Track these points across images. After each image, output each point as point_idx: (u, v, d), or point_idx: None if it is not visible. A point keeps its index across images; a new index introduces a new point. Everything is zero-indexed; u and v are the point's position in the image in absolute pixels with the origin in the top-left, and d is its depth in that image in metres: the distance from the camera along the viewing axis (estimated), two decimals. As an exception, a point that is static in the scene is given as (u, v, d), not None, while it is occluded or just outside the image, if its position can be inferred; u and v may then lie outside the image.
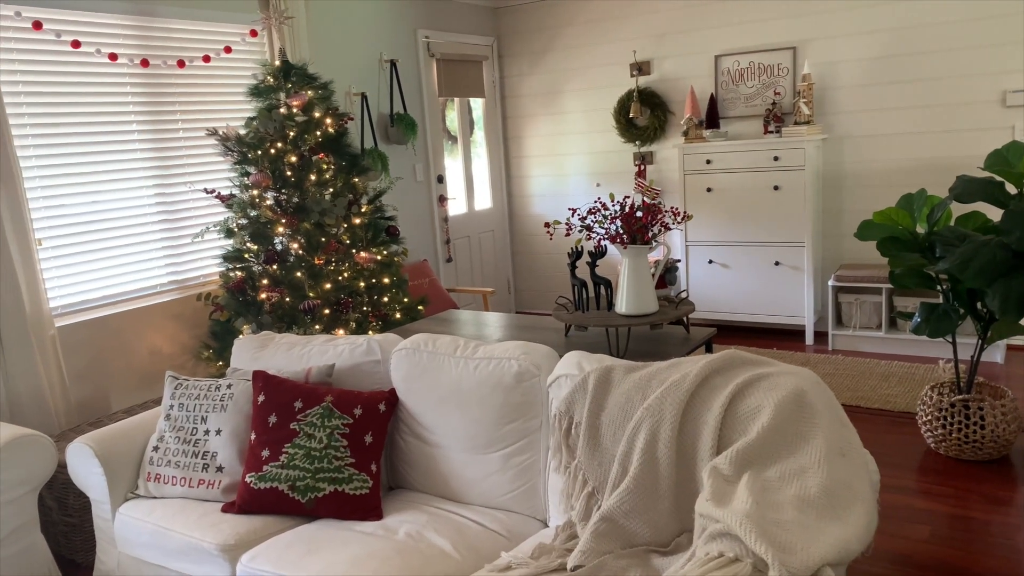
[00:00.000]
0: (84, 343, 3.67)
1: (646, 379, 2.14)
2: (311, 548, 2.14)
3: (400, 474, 2.61)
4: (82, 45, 3.63)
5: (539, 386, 2.35)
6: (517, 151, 6.69)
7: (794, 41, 5.38)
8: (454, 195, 6.23)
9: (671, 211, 2.93)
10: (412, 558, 2.05)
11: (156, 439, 2.58)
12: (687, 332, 3.22)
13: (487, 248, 6.60)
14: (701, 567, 1.56)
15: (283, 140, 3.88)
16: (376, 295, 4.16)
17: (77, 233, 3.67)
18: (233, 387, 2.58)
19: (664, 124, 5.91)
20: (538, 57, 6.40)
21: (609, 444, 2.12)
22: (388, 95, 5.43)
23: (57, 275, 3.60)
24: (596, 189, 6.31)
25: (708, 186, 5.44)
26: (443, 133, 6.10)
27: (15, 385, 3.29)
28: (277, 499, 2.35)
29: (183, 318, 4.10)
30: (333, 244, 3.92)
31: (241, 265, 3.94)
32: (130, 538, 2.46)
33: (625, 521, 1.97)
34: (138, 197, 3.93)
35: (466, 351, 2.51)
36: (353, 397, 2.51)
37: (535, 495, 2.35)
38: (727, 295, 5.49)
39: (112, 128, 3.79)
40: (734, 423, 1.97)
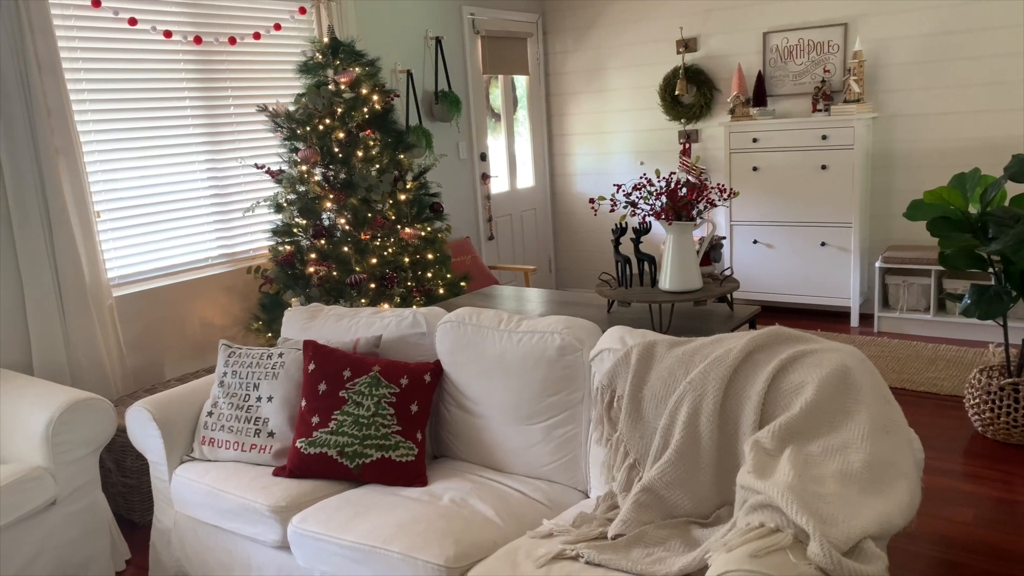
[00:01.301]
0: (139, 313, 3.79)
1: (689, 354, 2.16)
2: (359, 511, 2.21)
3: (444, 443, 2.67)
4: (138, 23, 3.73)
5: (581, 360, 2.38)
6: (560, 129, 6.68)
7: (846, 17, 5.26)
8: (496, 173, 6.26)
9: (717, 188, 2.92)
10: (456, 523, 2.11)
11: (210, 405, 2.68)
12: (731, 309, 3.21)
13: (528, 226, 6.62)
14: (742, 536, 1.58)
15: (331, 116, 3.94)
16: (420, 271, 4.22)
17: (133, 206, 3.79)
18: (284, 356, 2.66)
19: (710, 102, 5.84)
20: (583, 34, 6.36)
21: (651, 417, 2.15)
22: (433, 72, 5.46)
23: (114, 247, 3.72)
24: (640, 167, 6.28)
25: (754, 165, 5.38)
26: (487, 111, 6.12)
27: (76, 352, 3.42)
28: (326, 464, 2.42)
29: (234, 290, 4.21)
30: (379, 220, 3.99)
31: (290, 239, 4.02)
32: (186, 498, 2.57)
33: (666, 492, 2.00)
34: (191, 172, 4.03)
35: (510, 324, 2.55)
36: (399, 367, 2.57)
37: (576, 466, 2.39)
38: (771, 275, 5.44)
39: (166, 104, 3.89)
40: (777, 398, 1.98)
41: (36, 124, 3.24)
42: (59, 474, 2.70)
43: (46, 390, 2.82)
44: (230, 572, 2.52)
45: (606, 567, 1.85)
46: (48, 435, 2.65)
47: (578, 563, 1.88)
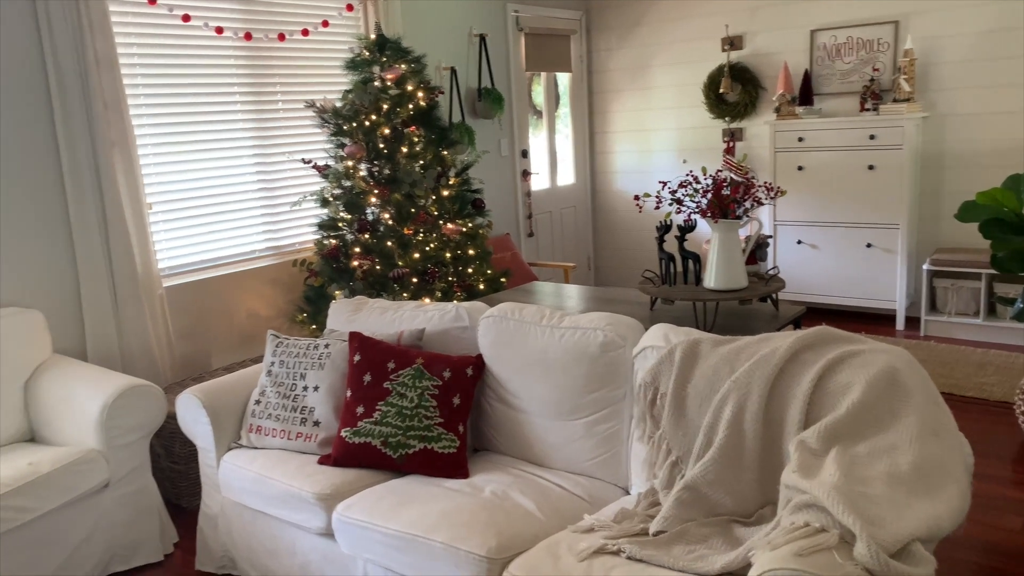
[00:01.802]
0: (188, 303, 3.88)
1: (734, 352, 2.15)
2: (402, 500, 2.25)
3: (485, 437, 2.69)
4: (191, 19, 3.81)
5: (624, 357, 2.38)
6: (602, 126, 6.66)
7: (896, 15, 5.17)
8: (537, 170, 6.27)
9: (764, 186, 2.90)
10: (497, 515, 2.13)
11: (258, 393, 2.73)
12: (776, 309, 3.18)
13: (568, 224, 6.62)
14: (787, 535, 1.58)
15: (377, 113, 3.99)
16: (461, 266, 4.25)
17: (183, 199, 3.88)
18: (330, 347, 2.71)
19: (755, 100, 5.78)
20: (627, 31, 6.34)
21: (694, 415, 2.14)
22: (476, 69, 5.49)
23: (165, 238, 3.82)
24: (682, 166, 6.24)
25: (799, 164, 5.31)
26: (529, 108, 6.13)
27: (127, 340, 3.52)
28: (370, 453, 2.46)
29: (279, 283, 4.29)
30: (422, 215, 4.02)
31: (335, 233, 4.08)
32: (233, 484, 2.63)
33: (708, 491, 2.00)
34: (239, 166, 4.11)
35: (552, 320, 2.56)
36: (442, 360, 2.60)
37: (618, 463, 2.39)
38: (815, 276, 5.37)
39: (217, 99, 3.98)
40: (823, 398, 1.96)
41: (93, 118, 3.34)
42: (112, 457, 2.78)
43: (100, 376, 2.91)
44: (275, 558, 2.57)
45: (647, 563, 1.86)
46: (102, 419, 2.74)
47: (620, 558, 1.89)
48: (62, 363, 3.08)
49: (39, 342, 3.11)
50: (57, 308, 3.38)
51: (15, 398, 2.99)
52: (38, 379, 3.02)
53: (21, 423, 3.00)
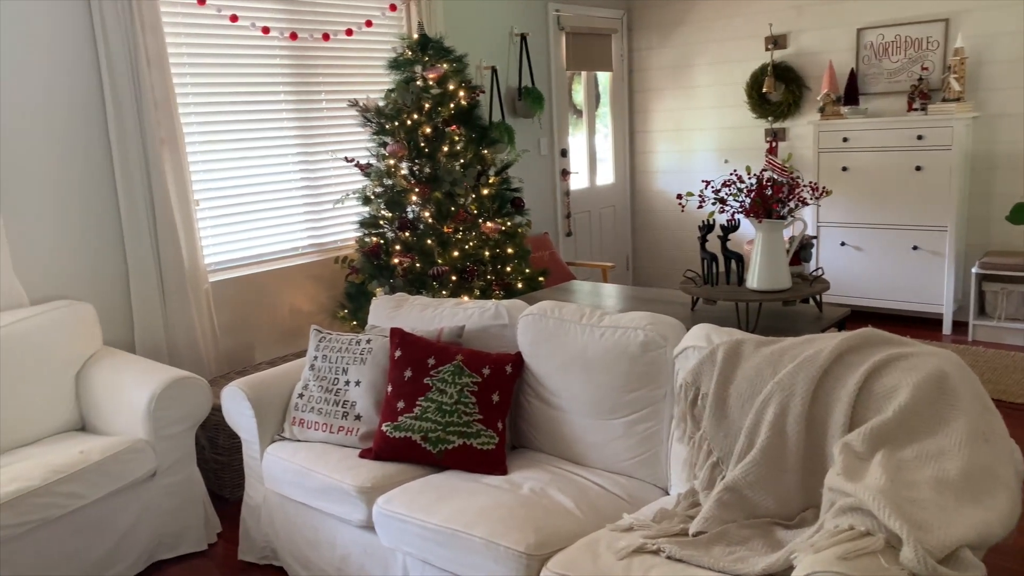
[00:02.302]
0: (233, 298, 3.96)
1: (778, 354, 2.13)
2: (441, 495, 2.27)
3: (524, 434, 2.70)
4: (239, 19, 3.88)
5: (665, 356, 2.37)
6: (643, 126, 6.63)
7: (947, 12, 5.06)
8: (576, 169, 6.26)
9: (809, 186, 2.86)
10: (536, 511, 2.14)
11: (301, 387, 2.78)
12: (820, 311, 3.14)
13: (607, 224, 6.60)
14: (830, 538, 1.56)
15: (419, 112, 4.02)
16: (500, 264, 4.26)
17: (229, 196, 3.95)
18: (372, 342, 2.74)
19: (799, 100, 5.71)
20: (669, 30, 6.30)
21: (736, 416, 2.13)
22: (517, 69, 5.50)
23: (211, 234, 3.89)
24: (724, 166, 6.18)
25: (844, 165, 5.23)
26: (569, 107, 6.12)
27: (174, 333, 3.60)
28: (410, 448, 2.49)
29: (321, 279, 4.35)
30: (461, 213, 4.05)
31: (376, 231, 4.13)
32: (276, 476, 2.67)
33: (750, 492, 1.98)
34: (284, 164, 4.18)
35: (592, 319, 2.56)
36: (482, 357, 2.62)
37: (657, 463, 2.39)
38: (859, 279, 5.28)
39: (262, 98, 4.05)
40: (869, 401, 1.93)
41: (144, 116, 3.42)
42: (159, 447, 2.85)
43: (148, 368, 2.98)
44: (316, 549, 2.61)
45: (687, 563, 1.85)
46: (150, 410, 2.81)
47: (659, 557, 1.88)
48: (112, 355, 3.16)
49: (90, 334, 3.19)
50: (107, 301, 3.48)
51: (67, 388, 3.07)
52: (89, 370, 3.11)
53: (73, 412, 3.09)
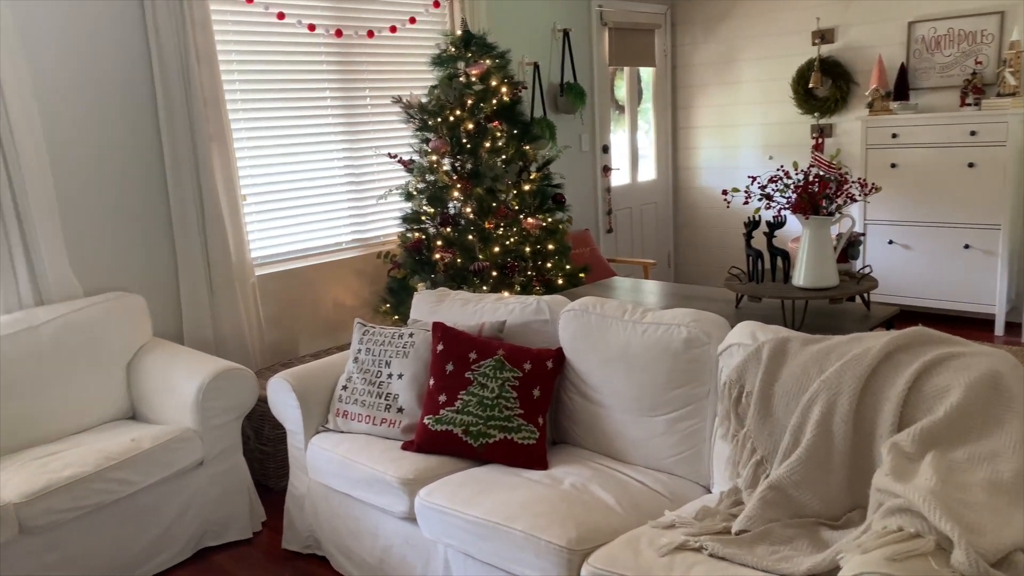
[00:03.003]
0: (278, 292, 4.02)
1: (824, 352, 2.10)
2: (482, 489, 2.28)
3: (564, 430, 2.70)
4: (286, 17, 3.94)
5: (709, 354, 2.35)
6: (686, 122, 6.57)
7: (1001, 5, 4.92)
8: (618, 166, 6.23)
9: (858, 182, 2.81)
10: (576, 507, 2.14)
11: (345, 379, 2.81)
12: (868, 309, 3.08)
13: (648, 220, 6.55)
14: (878, 539, 1.53)
15: (461, 108, 4.04)
16: (540, 261, 4.26)
17: (275, 191, 4.02)
18: (414, 336, 2.76)
19: (846, 95, 5.60)
20: (713, 25, 6.23)
21: (781, 415, 2.10)
22: (559, 64, 5.49)
23: (258, 229, 3.96)
24: (769, 162, 6.10)
25: (892, 161, 5.12)
26: (611, 103, 6.09)
27: (221, 325, 3.67)
28: (451, 441, 2.50)
29: (364, 274, 4.40)
30: (503, 209, 4.06)
31: (418, 227, 4.16)
32: (320, 467, 2.71)
33: (794, 491, 1.96)
34: (328, 160, 4.23)
35: (634, 315, 2.55)
36: (523, 353, 2.62)
37: (699, 460, 2.37)
38: (908, 278, 5.17)
39: (308, 95, 4.10)
40: (919, 401, 1.89)
41: (193, 112, 3.49)
42: (206, 437, 2.91)
43: (196, 359, 3.05)
44: (358, 540, 2.65)
45: (730, 561, 1.84)
46: (198, 400, 2.87)
47: (701, 555, 1.87)
48: (161, 346, 3.24)
49: (141, 325, 3.27)
50: (157, 293, 3.56)
51: (119, 378, 3.16)
52: (139, 360, 3.19)
53: (124, 401, 3.17)
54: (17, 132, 3.00)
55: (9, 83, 2.96)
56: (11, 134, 2.99)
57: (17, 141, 3.00)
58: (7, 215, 3.02)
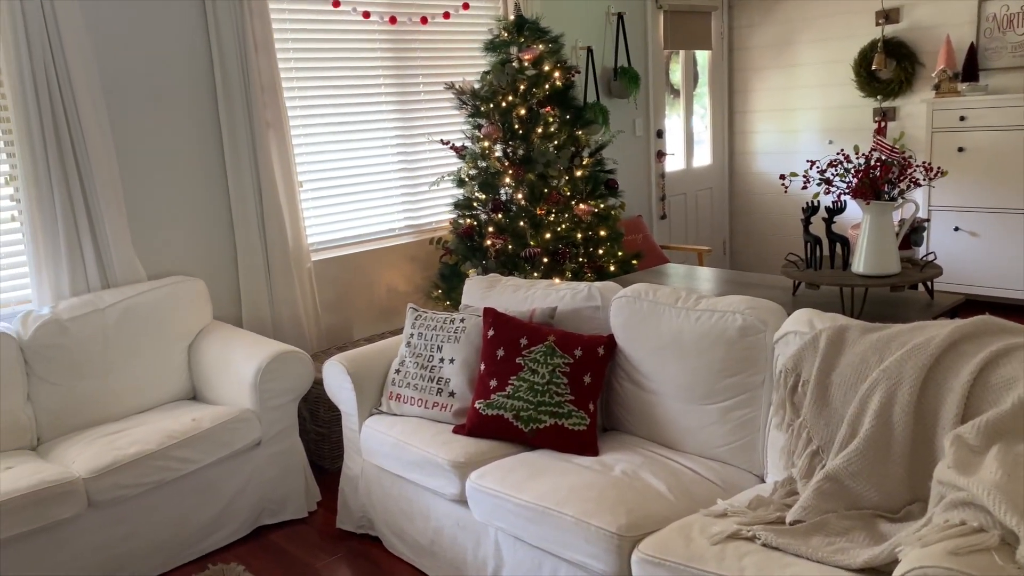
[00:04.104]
0: (333, 277, 4.09)
1: (885, 341, 2.04)
2: (533, 473, 2.29)
3: (615, 417, 2.69)
4: (341, 4, 3.98)
5: (764, 342, 2.31)
6: (742, 106, 6.44)
7: (1081, -21, 4.69)
8: (673, 151, 6.14)
9: (922, 166, 2.72)
10: (628, 493, 2.13)
11: (398, 363, 2.85)
12: (931, 298, 2.99)
13: (703, 207, 6.45)
14: (940, 533, 1.49)
15: (514, 93, 4.03)
16: (592, 247, 4.24)
17: (330, 178, 4.07)
18: (466, 321, 2.78)
19: (911, 77, 5.41)
20: (771, 6, 6.08)
21: (838, 404, 2.06)
22: (613, 48, 5.43)
23: (313, 215, 4.03)
24: (828, 147, 5.94)
25: (960, 145, 4.94)
26: (666, 87, 6.01)
27: (279, 309, 3.75)
28: (502, 426, 2.52)
29: (417, 260, 4.44)
30: (554, 195, 4.04)
31: (470, 213, 4.17)
32: (373, 448, 2.76)
33: (851, 482, 1.91)
34: (382, 146, 4.27)
35: (687, 302, 2.52)
36: (574, 339, 2.62)
37: (753, 450, 2.33)
38: (974, 266, 4.99)
39: (363, 82, 4.14)
40: (984, 393, 1.83)
41: (251, 100, 3.56)
42: (264, 418, 2.98)
43: (255, 342, 3.12)
44: (411, 521, 2.69)
45: (784, 551, 1.81)
46: (256, 382, 2.94)
47: (754, 544, 1.85)
48: (221, 328, 3.32)
49: (201, 308, 3.36)
50: (217, 277, 3.65)
51: (180, 359, 3.25)
52: (200, 343, 3.28)
53: (185, 382, 3.27)
54: (85, 122, 3.10)
55: (77, 75, 3.06)
56: (79, 125, 3.09)
57: (85, 131, 3.10)
58: (76, 202, 3.13)
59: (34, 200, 3.04)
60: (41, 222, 3.06)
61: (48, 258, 3.09)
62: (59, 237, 3.10)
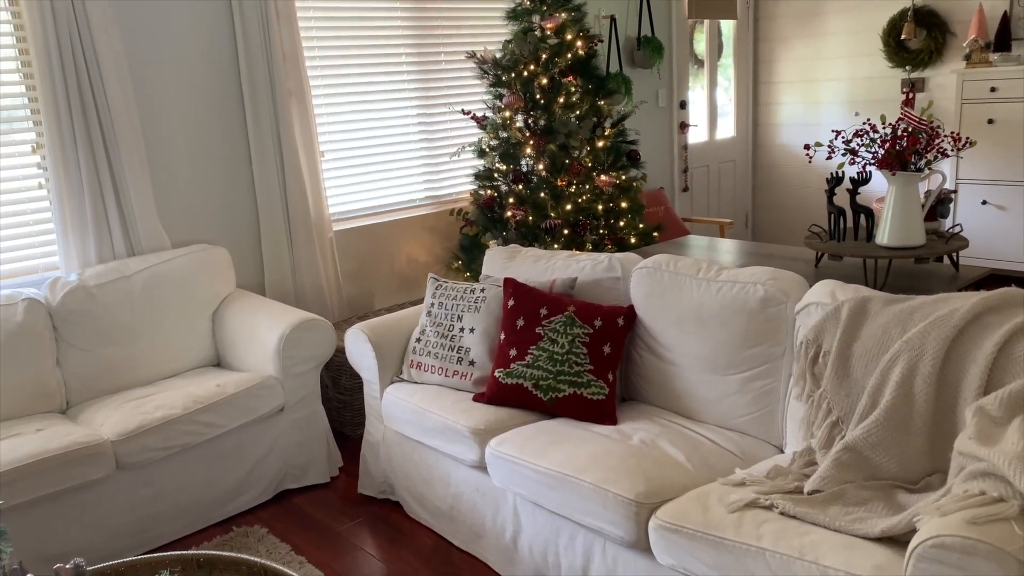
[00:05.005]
0: (354, 247, 4.11)
1: (908, 312, 2.03)
2: (552, 441, 2.31)
3: (634, 387, 2.70)
4: (362, -27, 3.96)
5: (785, 313, 2.30)
6: (767, 76, 6.35)
7: (1121, -55, 4.55)
8: (696, 122, 6.08)
9: (951, 136, 2.67)
10: (646, 461, 2.14)
11: (419, 332, 2.87)
12: (956, 270, 2.96)
13: (726, 179, 6.39)
14: (959, 502, 1.49)
15: (536, 62, 4.00)
16: (613, 219, 4.22)
17: (352, 148, 4.08)
18: (486, 291, 2.79)
19: (941, 47, 5.30)
20: (799, -25, 5.96)
21: (859, 376, 2.05)
22: (636, 18, 5.36)
23: (335, 185, 4.04)
24: (854, 119, 5.85)
25: (989, 117, 4.84)
26: (689, 57, 5.93)
27: (301, 278, 3.78)
28: (521, 394, 2.54)
29: (437, 231, 4.44)
30: (576, 166, 4.02)
31: (491, 184, 4.17)
32: (394, 415, 2.79)
33: (871, 453, 1.91)
34: (403, 117, 4.26)
35: (708, 273, 2.51)
36: (594, 309, 2.62)
37: (772, 421, 2.34)
38: (1002, 241, 4.92)
39: (384, 51, 4.12)
40: (1008, 365, 1.82)
41: (273, 69, 3.56)
42: (287, 384, 3.03)
43: (278, 310, 3.15)
44: (431, 486, 2.72)
45: (801, 520, 1.82)
46: (280, 349, 2.97)
47: (772, 513, 1.86)
48: (244, 297, 3.36)
49: (225, 277, 3.40)
50: (240, 246, 3.69)
51: (204, 326, 3.30)
52: (224, 310, 3.32)
53: (209, 349, 3.31)
54: (110, 91, 3.12)
55: (102, 44, 3.07)
56: (104, 93, 3.11)
57: (110, 99, 3.12)
58: (102, 171, 3.16)
59: (60, 168, 3.07)
60: (67, 190, 3.10)
61: (75, 225, 3.14)
62: (85, 204, 3.14)
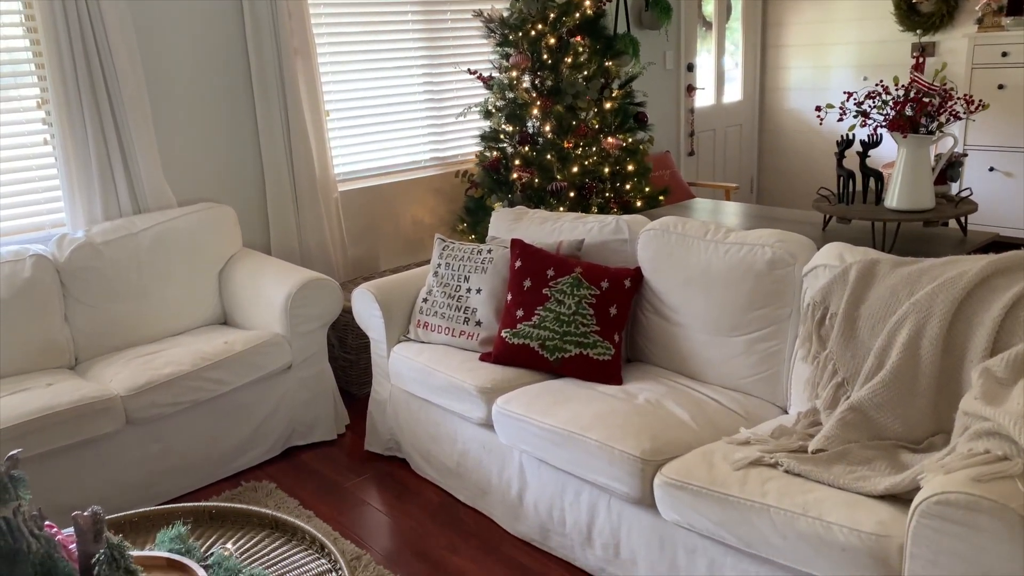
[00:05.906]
0: (360, 208, 4.10)
1: (916, 274, 2.03)
2: (558, 400, 2.33)
3: (639, 348, 2.72)
4: (368, -72, 3.89)
5: (792, 275, 2.31)
6: (776, 40, 6.27)
7: None
8: (703, 85, 6.02)
9: (963, 99, 2.65)
10: (651, 420, 2.17)
11: (425, 292, 2.88)
12: (964, 234, 2.95)
13: (732, 143, 6.35)
14: (963, 460, 1.51)
15: (543, 22, 3.95)
16: (619, 182, 4.21)
17: (357, 108, 4.05)
18: (493, 252, 2.79)
19: (953, 10, 5.22)
20: (811, -65, 5.86)
21: (866, 337, 2.06)
22: (645, -22, 5.28)
23: (340, 145, 4.02)
24: (863, 83, 5.79)
25: (1000, 83, 4.79)
26: (698, 19, 5.85)
27: (306, 238, 3.78)
28: (528, 354, 2.55)
29: (442, 192, 4.43)
30: (583, 128, 4.00)
31: (497, 145, 4.14)
32: (401, 373, 2.82)
33: (875, 413, 1.93)
34: (409, 77, 4.22)
35: (716, 235, 2.51)
36: (600, 271, 2.63)
37: (777, 382, 2.36)
38: (1008, 207, 4.90)
39: (389, 9, 4.07)
40: (1015, 327, 1.83)
41: (279, 26, 3.52)
42: (294, 343, 3.04)
43: (284, 269, 3.16)
44: (437, 443, 2.76)
45: (806, 478, 1.84)
46: (287, 307, 2.99)
47: (776, 471, 1.88)
48: (251, 255, 3.36)
49: (231, 235, 3.40)
50: (246, 205, 3.68)
51: (211, 284, 3.31)
52: (231, 269, 3.32)
53: (216, 307, 3.33)
54: (115, 47, 3.09)
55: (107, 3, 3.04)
56: (109, 49, 3.08)
57: (115, 55, 3.09)
58: (107, 127, 3.15)
59: (66, 124, 3.06)
60: (73, 146, 3.08)
61: (81, 182, 3.13)
62: (91, 161, 3.12)
